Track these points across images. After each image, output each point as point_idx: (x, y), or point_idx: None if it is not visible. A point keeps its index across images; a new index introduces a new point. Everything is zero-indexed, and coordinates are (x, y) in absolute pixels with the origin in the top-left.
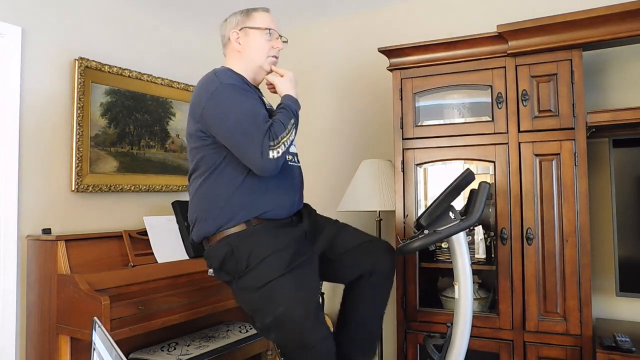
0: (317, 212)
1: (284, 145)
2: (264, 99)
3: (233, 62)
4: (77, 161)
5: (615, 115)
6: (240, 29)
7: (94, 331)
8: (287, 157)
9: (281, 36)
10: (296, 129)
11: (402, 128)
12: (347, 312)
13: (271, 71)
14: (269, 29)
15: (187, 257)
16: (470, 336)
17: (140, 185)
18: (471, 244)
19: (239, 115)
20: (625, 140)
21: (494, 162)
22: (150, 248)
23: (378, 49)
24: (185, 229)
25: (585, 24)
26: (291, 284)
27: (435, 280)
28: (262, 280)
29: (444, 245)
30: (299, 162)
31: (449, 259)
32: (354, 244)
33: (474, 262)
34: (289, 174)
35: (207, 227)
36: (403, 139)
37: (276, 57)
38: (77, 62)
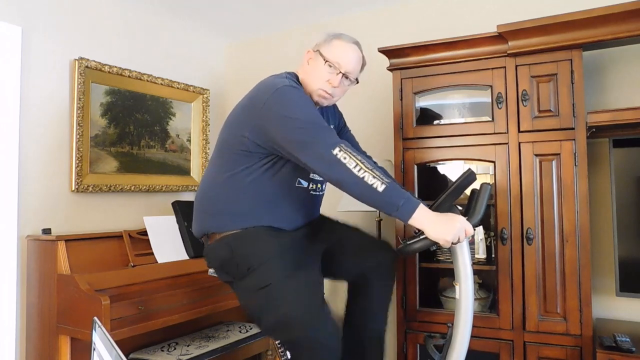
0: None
1: (353, 161)
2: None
3: (300, 73)
4: (77, 161)
5: (615, 115)
6: (315, 51)
7: (94, 331)
8: (311, 185)
9: (345, 75)
10: (371, 176)
11: (402, 128)
12: (352, 311)
13: (317, 104)
14: (333, 65)
15: (187, 257)
16: (471, 336)
17: (140, 185)
18: (471, 244)
19: (311, 109)
20: (625, 140)
21: (494, 162)
22: (150, 248)
23: (378, 49)
24: (185, 229)
25: (585, 24)
26: (294, 284)
27: (435, 280)
28: (264, 282)
29: (444, 246)
30: (323, 190)
31: (449, 259)
32: (356, 242)
33: (474, 262)
34: (309, 199)
35: (212, 222)
36: (403, 139)
37: (327, 93)
38: (77, 62)
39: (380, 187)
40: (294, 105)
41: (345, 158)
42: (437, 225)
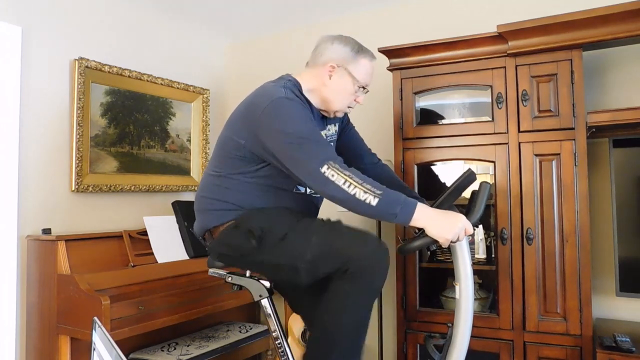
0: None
1: (341, 177)
2: (324, 132)
3: (308, 82)
4: (77, 161)
5: (615, 115)
6: (340, 66)
7: (94, 331)
8: (309, 190)
9: (366, 88)
10: (363, 192)
11: (402, 128)
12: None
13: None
14: (363, 87)
15: (187, 257)
16: (471, 336)
17: (140, 185)
18: (471, 244)
19: (306, 123)
20: (625, 140)
21: (494, 162)
22: (150, 248)
23: (378, 49)
24: (185, 229)
25: (585, 24)
26: (311, 219)
27: (435, 280)
28: (282, 231)
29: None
30: None
31: (449, 259)
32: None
33: (474, 262)
34: (309, 202)
35: (212, 218)
36: (403, 139)
37: (350, 108)
38: (77, 62)
39: (374, 201)
40: (287, 119)
41: (333, 176)
42: (437, 223)
